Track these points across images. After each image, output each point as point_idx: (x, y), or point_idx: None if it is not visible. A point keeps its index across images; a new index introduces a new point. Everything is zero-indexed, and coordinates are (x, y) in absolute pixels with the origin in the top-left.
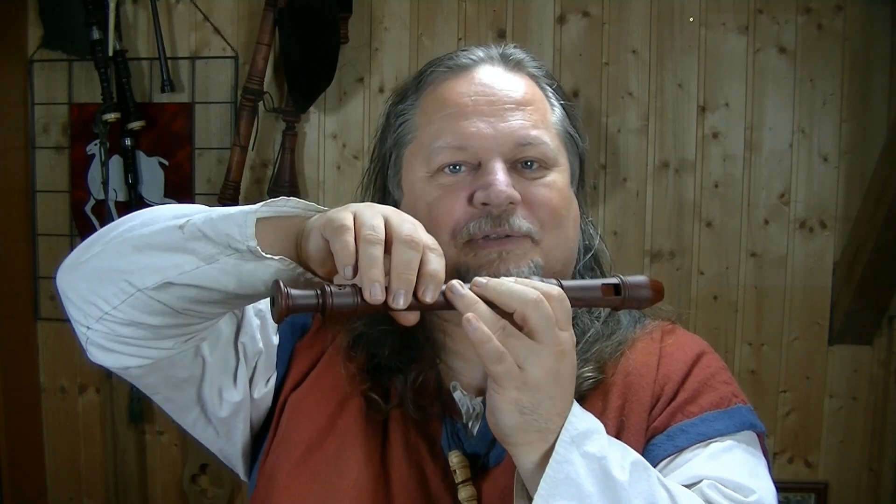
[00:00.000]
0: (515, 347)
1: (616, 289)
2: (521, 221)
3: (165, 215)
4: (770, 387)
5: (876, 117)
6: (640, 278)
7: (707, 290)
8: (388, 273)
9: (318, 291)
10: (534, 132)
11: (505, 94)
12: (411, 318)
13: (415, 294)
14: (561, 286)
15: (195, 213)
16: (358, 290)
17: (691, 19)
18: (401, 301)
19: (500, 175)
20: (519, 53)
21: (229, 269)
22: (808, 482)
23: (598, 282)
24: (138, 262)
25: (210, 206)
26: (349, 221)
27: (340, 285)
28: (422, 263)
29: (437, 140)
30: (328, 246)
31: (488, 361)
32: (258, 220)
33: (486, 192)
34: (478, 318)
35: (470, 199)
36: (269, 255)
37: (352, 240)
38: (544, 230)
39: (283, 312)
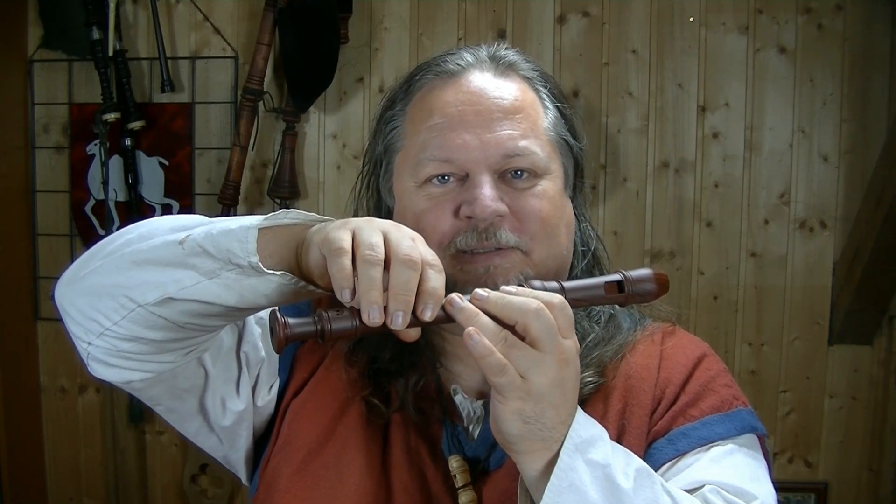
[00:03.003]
0: (518, 358)
1: (619, 285)
2: (508, 235)
3: (163, 228)
4: (770, 387)
5: (876, 117)
6: (644, 272)
7: (707, 290)
8: (386, 290)
9: (316, 318)
10: (522, 143)
11: (493, 102)
12: (412, 335)
13: (414, 311)
14: (562, 288)
15: (194, 225)
16: (356, 312)
17: (691, 19)
18: (399, 321)
19: (485, 189)
20: (511, 55)
21: (230, 283)
22: (808, 482)
23: (601, 280)
24: (138, 277)
25: (209, 211)
26: (347, 243)
27: (338, 310)
28: (421, 280)
29: (423, 151)
30: (325, 260)
31: (490, 374)
32: (262, 228)
33: (472, 206)
34: (479, 332)
35: (456, 212)
36: (270, 271)
37: (349, 263)
38: (534, 241)
39: (282, 342)
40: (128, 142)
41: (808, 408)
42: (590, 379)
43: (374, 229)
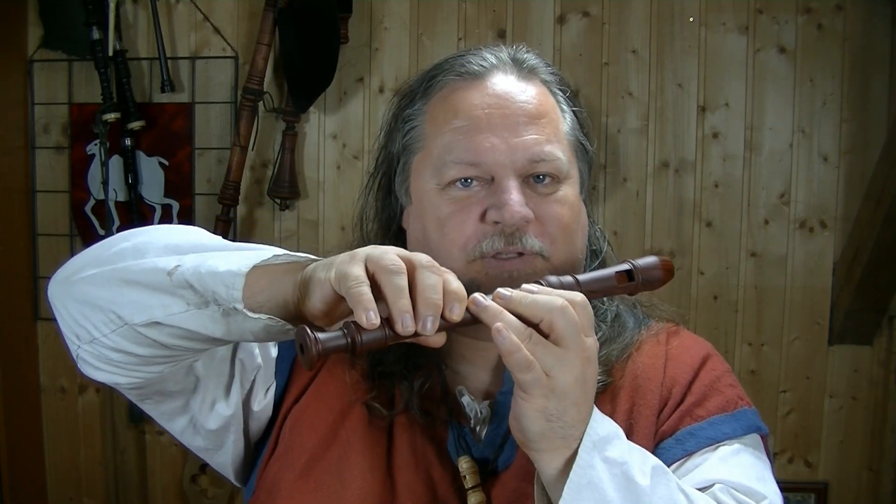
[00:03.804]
0: (543, 355)
1: (629, 274)
2: (532, 241)
3: (157, 245)
4: (770, 387)
5: (876, 117)
6: (651, 260)
7: (707, 290)
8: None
9: (345, 331)
10: (548, 147)
11: (519, 106)
12: (440, 341)
13: (441, 313)
14: (577, 280)
15: (188, 246)
16: (384, 321)
17: (691, 19)
18: (429, 326)
19: (514, 194)
20: (532, 59)
21: (217, 318)
22: (808, 482)
23: (612, 270)
24: (128, 296)
25: (209, 211)
26: (364, 275)
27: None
28: (444, 283)
29: (448, 154)
30: (335, 297)
31: (517, 370)
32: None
33: (501, 211)
34: (507, 328)
35: (482, 217)
36: (255, 315)
37: (369, 290)
38: (555, 246)
39: (315, 359)
40: (128, 142)
41: (808, 408)
42: (598, 378)
43: (386, 250)
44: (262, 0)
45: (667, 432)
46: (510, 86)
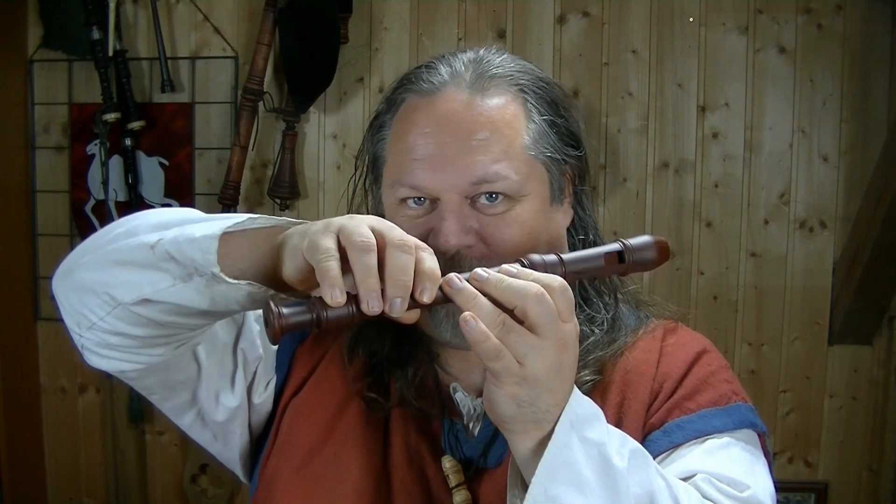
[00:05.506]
0: (516, 343)
1: (619, 255)
2: (474, 265)
3: (146, 225)
4: (770, 387)
5: (876, 117)
6: (644, 239)
7: (707, 290)
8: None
9: (310, 305)
10: (493, 168)
11: (465, 126)
12: (413, 317)
13: (412, 294)
14: (561, 260)
15: (176, 223)
16: (353, 298)
17: (691, 19)
18: (397, 307)
19: (448, 222)
20: (495, 65)
21: (201, 289)
22: (808, 482)
23: (601, 250)
24: (119, 276)
25: (207, 209)
26: (333, 248)
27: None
28: (416, 262)
29: (396, 175)
30: (308, 266)
31: (486, 358)
32: (230, 233)
33: (436, 239)
34: (475, 318)
35: (426, 239)
36: (234, 281)
37: (337, 265)
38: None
39: (278, 334)
40: (128, 142)
41: (808, 408)
42: (588, 378)
43: (359, 223)
44: (262, 0)
45: (655, 425)
46: (459, 104)
